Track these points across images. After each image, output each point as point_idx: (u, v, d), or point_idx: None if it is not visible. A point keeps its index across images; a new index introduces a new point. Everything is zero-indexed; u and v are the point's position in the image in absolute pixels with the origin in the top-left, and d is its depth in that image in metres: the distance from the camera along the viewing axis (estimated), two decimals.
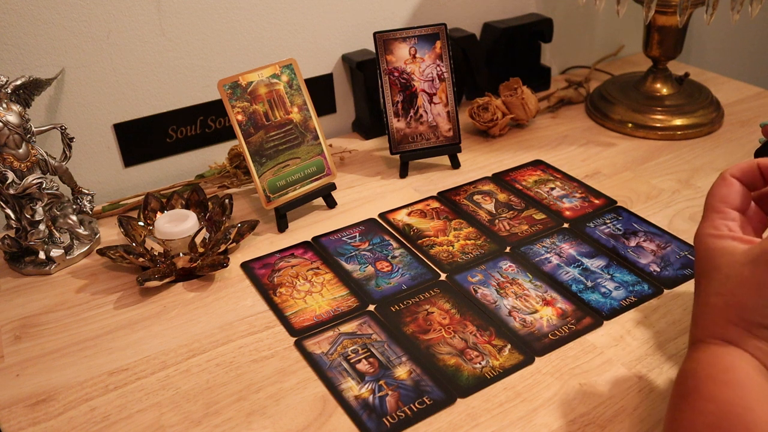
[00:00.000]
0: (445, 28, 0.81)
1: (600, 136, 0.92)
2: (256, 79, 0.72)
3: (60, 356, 0.58)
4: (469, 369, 0.55)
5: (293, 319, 0.61)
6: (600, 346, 0.57)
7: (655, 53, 0.93)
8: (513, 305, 0.61)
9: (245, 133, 0.71)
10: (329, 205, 0.78)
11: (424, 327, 0.59)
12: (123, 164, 0.83)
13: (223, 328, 0.61)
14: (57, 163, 0.69)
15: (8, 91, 0.65)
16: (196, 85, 0.83)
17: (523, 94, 0.91)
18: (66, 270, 0.69)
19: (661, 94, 0.94)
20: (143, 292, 0.65)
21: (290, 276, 0.67)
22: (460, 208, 0.76)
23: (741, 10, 0.78)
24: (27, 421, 0.52)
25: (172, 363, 0.57)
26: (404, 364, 0.55)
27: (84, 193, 0.73)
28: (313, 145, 0.75)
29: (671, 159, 0.85)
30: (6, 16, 0.70)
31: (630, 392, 0.52)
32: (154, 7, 0.77)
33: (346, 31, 0.91)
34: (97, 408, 0.53)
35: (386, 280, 0.65)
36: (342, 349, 0.57)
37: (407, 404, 0.52)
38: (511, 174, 0.83)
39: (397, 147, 0.82)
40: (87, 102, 0.78)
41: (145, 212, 0.72)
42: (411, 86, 0.81)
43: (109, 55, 0.77)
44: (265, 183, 0.72)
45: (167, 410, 0.52)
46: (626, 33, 1.19)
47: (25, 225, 0.68)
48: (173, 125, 0.83)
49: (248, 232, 0.70)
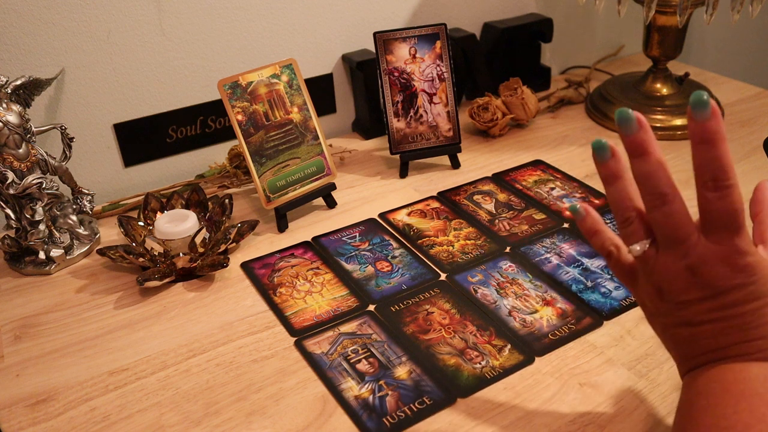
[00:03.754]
0: (445, 28, 0.81)
1: (600, 136, 0.91)
2: (256, 79, 0.72)
3: (60, 356, 0.58)
4: (469, 369, 0.55)
5: (293, 319, 0.61)
6: (600, 346, 0.57)
7: (655, 53, 0.93)
8: (513, 305, 0.61)
9: (245, 133, 0.71)
10: (329, 205, 0.78)
11: (424, 327, 0.59)
12: (123, 164, 0.83)
13: (223, 328, 0.61)
14: (57, 163, 0.69)
15: (8, 91, 0.65)
16: (196, 85, 0.83)
17: (523, 94, 0.91)
18: (66, 270, 0.69)
19: (661, 94, 0.94)
20: (143, 292, 0.65)
21: (290, 276, 0.67)
22: (460, 208, 0.76)
23: (741, 10, 0.78)
24: (27, 421, 0.52)
25: (172, 363, 0.57)
26: (404, 364, 0.55)
27: (84, 193, 0.73)
28: (313, 145, 0.75)
29: (671, 159, 0.85)
30: (6, 16, 0.70)
31: (630, 392, 0.52)
32: (154, 7, 0.77)
33: (346, 31, 0.91)
34: (97, 408, 0.53)
35: (386, 280, 0.65)
36: (342, 349, 0.57)
37: (407, 404, 0.52)
38: (511, 174, 0.83)
39: (397, 147, 0.82)
40: (87, 102, 0.78)
41: (145, 212, 0.72)
42: (411, 86, 0.81)
43: (109, 55, 0.77)
44: (265, 183, 0.72)
45: (167, 410, 0.52)
46: (626, 33, 1.19)
47: (25, 225, 0.68)
48: (173, 125, 0.83)
49: (248, 232, 0.70)
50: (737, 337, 0.40)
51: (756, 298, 0.39)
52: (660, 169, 0.40)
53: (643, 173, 0.41)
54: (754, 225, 0.44)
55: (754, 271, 0.39)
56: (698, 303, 0.40)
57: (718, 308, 0.40)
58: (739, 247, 0.39)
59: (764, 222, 0.44)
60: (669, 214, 0.40)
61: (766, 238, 0.43)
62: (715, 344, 0.41)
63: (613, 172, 0.43)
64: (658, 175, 0.40)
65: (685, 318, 0.41)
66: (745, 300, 0.39)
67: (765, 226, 0.43)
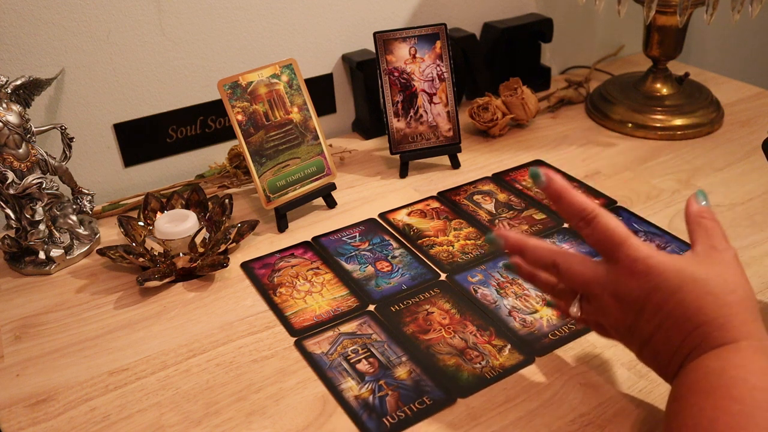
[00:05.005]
0: (445, 28, 0.81)
1: (600, 136, 0.92)
2: (256, 79, 0.72)
3: (60, 356, 0.58)
4: (469, 369, 0.55)
5: (293, 319, 0.61)
6: (600, 346, 0.57)
7: (655, 53, 0.93)
8: (513, 305, 0.61)
9: (245, 133, 0.71)
10: (329, 205, 0.78)
11: (424, 327, 0.59)
12: (123, 164, 0.83)
13: (223, 328, 0.61)
14: (57, 163, 0.69)
15: (8, 91, 0.65)
16: (196, 85, 0.83)
17: (523, 94, 0.91)
18: (66, 270, 0.69)
19: (661, 94, 0.94)
20: (143, 292, 0.65)
21: (290, 276, 0.67)
22: (460, 208, 0.76)
23: (741, 10, 0.78)
24: (27, 421, 0.52)
25: (172, 363, 0.57)
26: (404, 364, 0.55)
27: (84, 193, 0.73)
28: (313, 145, 0.75)
29: (671, 159, 0.85)
30: (6, 16, 0.70)
31: (630, 392, 0.52)
32: (154, 7, 0.77)
33: (346, 31, 0.91)
34: (97, 408, 0.53)
35: (386, 280, 0.65)
36: (342, 349, 0.57)
37: (407, 404, 0.52)
38: (511, 174, 0.83)
39: (397, 147, 0.82)
40: (87, 102, 0.78)
41: (145, 212, 0.72)
42: (411, 86, 0.81)
43: (109, 55, 0.77)
44: (265, 183, 0.72)
45: (167, 410, 0.52)
46: (626, 33, 1.19)
47: (25, 225, 0.68)
48: (173, 125, 0.83)
49: (248, 232, 0.70)
50: (679, 334, 0.42)
51: (672, 292, 0.42)
52: (536, 248, 0.48)
53: (529, 260, 0.49)
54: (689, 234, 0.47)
55: (657, 270, 0.43)
56: (637, 321, 0.44)
57: (651, 317, 0.43)
58: (632, 257, 0.43)
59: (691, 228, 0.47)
60: (566, 271, 0.47)
61: (695, 241, 0.46)
62: (670, 348, 0.43)
63: (525, 274, 0.51)
64: (538, 252, 0.48)
65: (639, 339, 0.45)
66: (664, 299, 0.42)
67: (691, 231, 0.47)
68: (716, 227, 0.46)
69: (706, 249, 0.44)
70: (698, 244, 0.45)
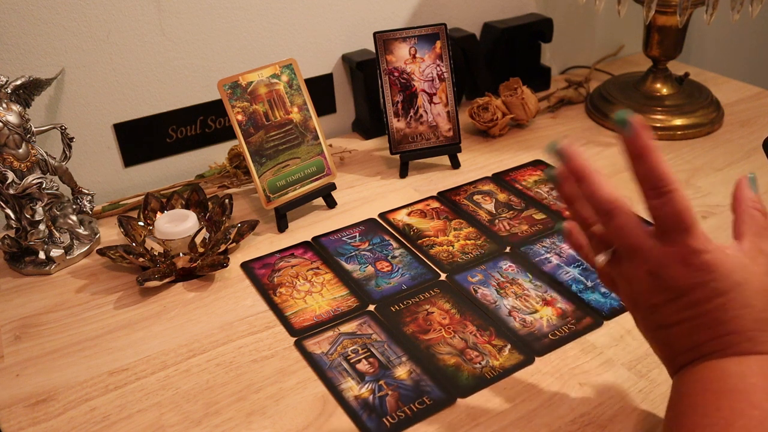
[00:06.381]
0: (445, 28, 0.81)
1: (600, 136, 0.92)
2: (256, 79, 0.72)
3: (60, 356, 0.58)
4: (469, 369, 0.55)
5: (293, 319, 0.61)
6: (600, 346, 0.57)
7: (655, 53, 0.93)
8: (513, 305, 0.61)
9: (245, 133, 0.71)
10: (329, 205, 0.78)
11: (424, 327, 0.59)
12: (123, 164, 0.83)
13: (223, 328, 0.61)
14: (57, 163, 0.69)
15: (8, 91, 0.65)
16: (196, 85, 0.83)
17: (523, 94, 0.91)
18: (66, 270, 0.69)
19: (661, 94, 0.94)
20: (143, 292, 0.65)
21: (290, 276, 0.67)
22: (460, 208, 0.76)
23: (741, 10, 0.78)
24: (27, 421, 0.52)
25: (172, 363, 0.57)
26: (404, 364, 0.55)
27: (84, 193, 0.73)
28: (313, 145, 0.75)
29: (671, 159, 0.85)
30: (6, 16, 0.70)
31: (630, 392, 0.52)
32: (154, 7, 0.77)
33: (346, 31, 0.91)
34: (97, 408, 0.53)
35: (386, 280, 0.65)
36: (342, 349, 0.57)
37: (407, 404, 0.52)
38: (511, 174, 0.83)
39: (397, 147, 0.82)
40: (87, 102, 0.78)
41: (145, 212, 0.72)
42: (411, 86, 0.81)
43: (109, 55, 0.77)
44: (265, 183, 0.72)
45: (167, 410, 0.52)
46: (626, 33, 1.19)
47: (25, 225, 0.68)
48: (173, 125, 0.83)
49: (248, 232, 0.70)
50: (707, 334, 0.41)
51: (717, 294, 0.40)
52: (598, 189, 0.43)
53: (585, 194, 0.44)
54: (733, 221, 0.45)
55: (712, 269, 0.41)
56: (665, 305, 0.42)
57: (683, 308, 0.41)
58: (692, 247, 0.41)
59: (740, 218, 0.44)
60: (619, 228, 0.43)
61: (743, 233, 0.43)
62: (690, 343, 0.42)
63: (567, 195, 0.46)
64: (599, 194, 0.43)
65: (657, 321, 0.43)
66: (707, 298, 0.41)
67: (741, 221, 0.44)
68: (766, 225, 0.44)
69: (753, 249, 0.42)
70: (746, 238, 0.43)
